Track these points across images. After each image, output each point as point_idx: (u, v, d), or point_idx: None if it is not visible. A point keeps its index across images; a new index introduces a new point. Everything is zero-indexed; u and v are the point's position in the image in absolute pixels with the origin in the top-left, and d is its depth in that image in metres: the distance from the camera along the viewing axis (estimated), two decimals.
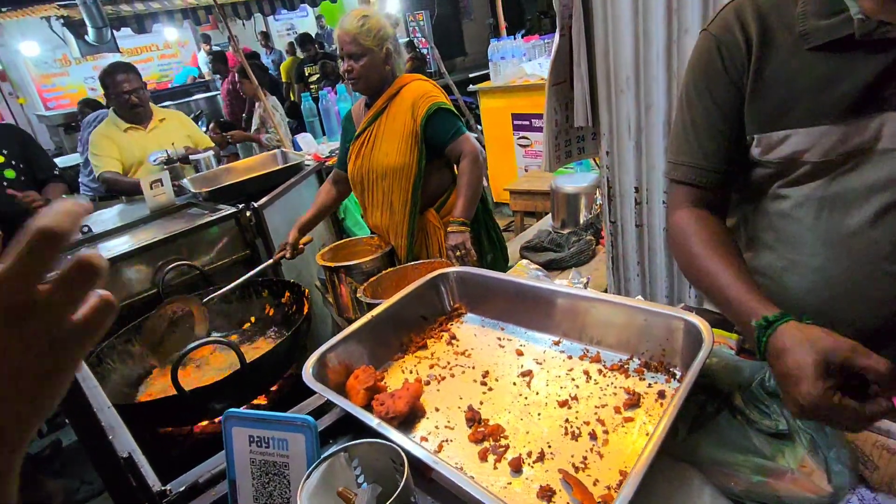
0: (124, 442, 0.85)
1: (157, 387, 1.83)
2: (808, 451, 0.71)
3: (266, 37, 9.40)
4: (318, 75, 6.38)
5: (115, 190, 3.03)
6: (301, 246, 2.19)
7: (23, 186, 2.72)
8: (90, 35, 5.79)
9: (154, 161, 2.86)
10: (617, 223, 1.89)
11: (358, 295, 1.60)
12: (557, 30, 1.74)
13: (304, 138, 3.68)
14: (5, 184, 2.68)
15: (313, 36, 7.76)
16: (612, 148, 1.80)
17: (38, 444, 2.88)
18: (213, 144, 3.32)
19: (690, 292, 1.78)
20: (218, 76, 7.76)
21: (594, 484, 0.75)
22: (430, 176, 2.01)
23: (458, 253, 1.89)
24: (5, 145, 2.73)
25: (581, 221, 2.57)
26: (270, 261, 2.17)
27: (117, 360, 1.86)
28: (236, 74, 5.82)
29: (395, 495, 0.62)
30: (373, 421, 0.84)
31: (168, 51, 9.87)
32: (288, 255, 2.16)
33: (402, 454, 0.68)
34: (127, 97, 2.87)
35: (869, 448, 0.73)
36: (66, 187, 2.92)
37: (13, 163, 2.71)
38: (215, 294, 1.97)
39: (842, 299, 0.88)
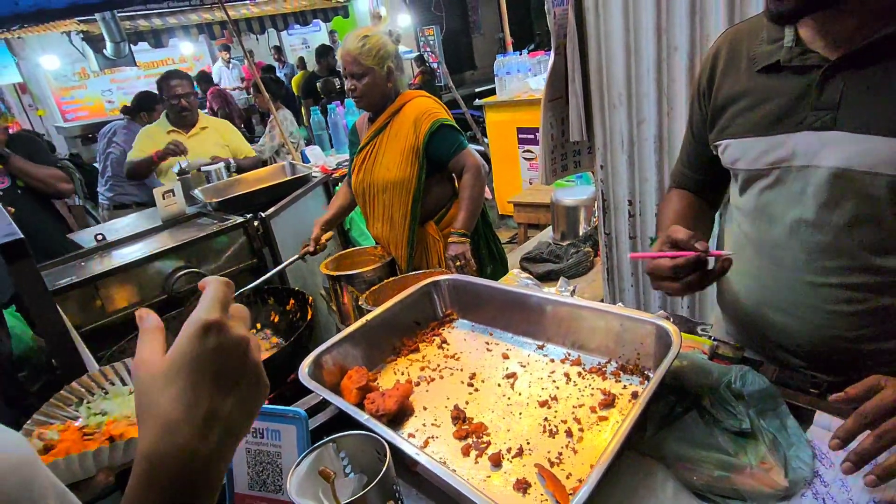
0: None
1: None
2: (769, 449, 0.76)
3: (279, 51, 9.59)
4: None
5: (132, 175, 3.23)
6: (323, 241, 2.27)
7: (32, 197, 2.80)
8: (108, 49, 5.97)
9: (175, 170, 3.03)
10: (612, 234, 1.94)
11: (360, 303, 1.66)
12: (553, 48, 1.81)
13: (312, 151, 3.78)
14: (19, 192, 2.78)
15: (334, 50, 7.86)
16: (606, 161, 1.85)
17: None
18: (254, 153, 3.49)
19: (683, 302, 1.82)
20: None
21: (567, 477, 0.79)
22: (431, 189, 2.07)
23: (457, 263, 1.94)
24: (21, 154, 2.81)
25: (580, 233, 2.62)
26: (296, 256, 2.25)
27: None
28: (214, 91, 5.87)
29: (376, 480, 0.67)
30: (362, 417, 0.89)
31: (183, 64, 10.09)
32: (311, 250, 2.24)
33: (385, 444, 0.73)
34: (177, 100, 3.13)
35: (826, 447, 0.77)
36: (61, 174, 2.97)
37: None
38: (243, 290, 2.05)
39: (772, 305, 0.97)
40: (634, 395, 0.91)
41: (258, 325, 2.20)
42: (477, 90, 7.40)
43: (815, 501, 0.72)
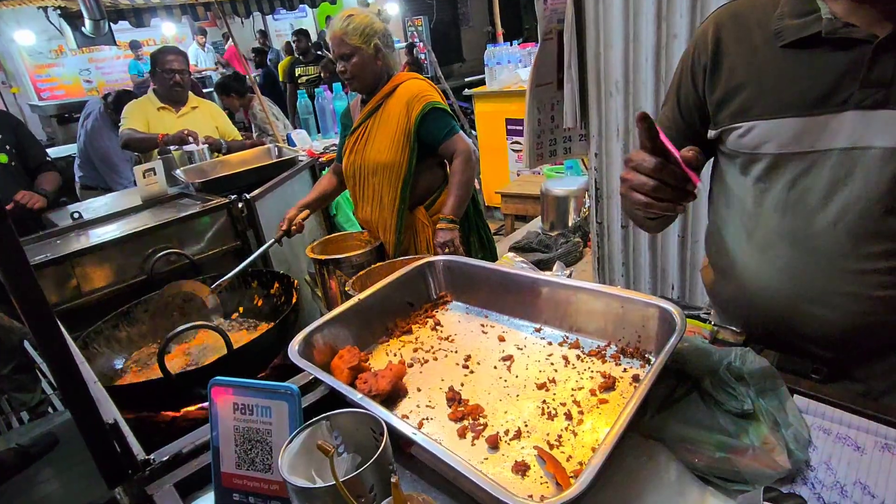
0: (109, 411, 0.86)
1: (142, 374, 1.84)
2: (770, 430, 0.74)
3: (264, 35, 9.42)
4: (308, 76, 6.36)
5: (130, 147, 3.18)
6: (299, 220, 2.18)
7: (14, 172, 2.74)
8: (87, 27, 5.78)
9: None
10: (603, 223, 1.93)
11: (346, 289, 1.62)
12: (540, 34, 1.78)
13: (298, 134, 3.71)
14: None
15: (309, 34, 7.71)
16: (601, 150, 1.84)
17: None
18: (241, 137, 3.46)
19: (673, 293, 1.81)
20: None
21: (567, 460, 0.77)
22: (422, 174, 2.04)
23: (446, 250, 1.92)
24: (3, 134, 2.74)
25: (570, 224, 2.61)
26: (272, 241, 2.17)
27: (104, 344, 1.87)
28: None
29: (373, 458, 0.64)
30: (356, 396, 0.86)
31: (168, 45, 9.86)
32: (285, 228, 2.15)
33: (382, 423, 0.70)
34: (171, 75, 3.11)
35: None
36: (59, 175, 2.94)
37: (7, 147, 2.73)
38: (222, 280, 1.97)
39: (806, 298, 0.91)
40: (635, 379, 0.89)
41: (240, 310, 2.15)
42: (466, 80, 7.35)
43: (804, 486, 0.71)
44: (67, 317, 1.95)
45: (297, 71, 6.52)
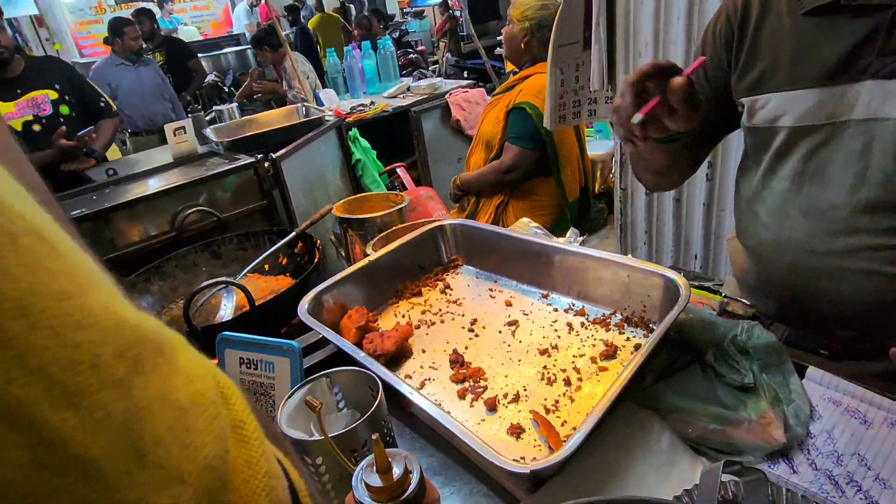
0: None
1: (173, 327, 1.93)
2: (770, 405, 0.74)
3: None
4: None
5: None
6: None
7: (77, 122, 2.69)
8: None
9: None
10: (627, 190, 1.88)
11: (367, 249, 1.64)
12: None
13: (326, 94, 3.69)
14: (61, 120, 2.65)
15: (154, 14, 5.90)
16: None
17: None
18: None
19: (696, 262, 1.77)
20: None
21: (562, 424, 0.79)
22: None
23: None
24: (55, 80, 2.69)
25: (596, 189, 2.56)
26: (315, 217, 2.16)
27: (136, 297, 1.95)
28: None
29: (366, 415, 0.67)
30: (359, 355, 0.88)
31: (202, 2, 9.87)
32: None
33: (378, 380, 0.72)
34: None
35: (816, 400, 0.76)
36: (117, 121, 2.94)
37: (66, 98, 2.70)
38: (252, 265, 2.00)
39: (823, 273, 0.88)
40: (637, 348, 0.89)
41: (265, 268, 2.21)
42: (499, 38, 7.15)
43: (799, 452, 0.70)
44: None
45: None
